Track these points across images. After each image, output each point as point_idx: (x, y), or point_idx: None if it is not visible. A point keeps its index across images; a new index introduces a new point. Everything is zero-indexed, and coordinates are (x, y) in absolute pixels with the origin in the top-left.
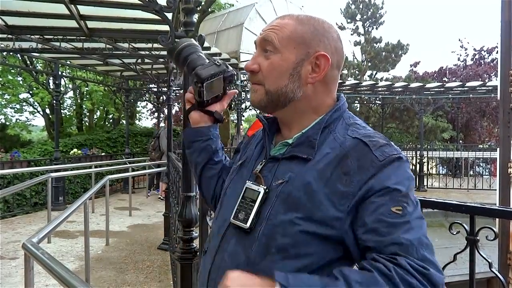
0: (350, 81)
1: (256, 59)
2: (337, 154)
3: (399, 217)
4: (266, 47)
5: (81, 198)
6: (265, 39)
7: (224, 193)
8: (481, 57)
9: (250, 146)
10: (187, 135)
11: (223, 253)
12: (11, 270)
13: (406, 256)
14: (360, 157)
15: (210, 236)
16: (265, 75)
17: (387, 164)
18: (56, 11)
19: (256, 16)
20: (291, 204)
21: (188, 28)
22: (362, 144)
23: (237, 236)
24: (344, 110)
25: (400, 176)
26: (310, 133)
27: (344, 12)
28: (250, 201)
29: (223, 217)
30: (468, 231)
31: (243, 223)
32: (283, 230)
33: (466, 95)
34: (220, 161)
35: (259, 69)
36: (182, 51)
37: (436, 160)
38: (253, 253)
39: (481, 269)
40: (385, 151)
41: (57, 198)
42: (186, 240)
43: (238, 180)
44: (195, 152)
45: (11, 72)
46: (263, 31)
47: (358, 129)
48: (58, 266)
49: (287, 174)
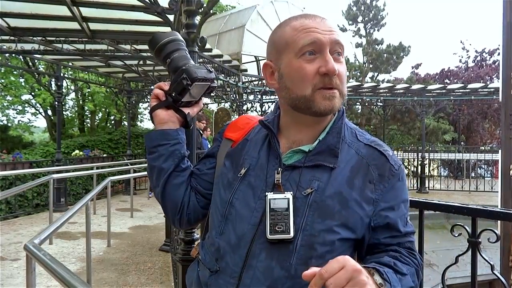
0: (351, 82)
1: (332, 61)
2: (358, 162)
3: (410, 225)
4: (337, 49)
5: (83, 200)
6: (338, 42)
7: (228, 205)
8: (483, 59)
9: (249, 152)
10: (152, 138)
11: (253, 270)
12: (13, 271)
13: (415, 250)
14: (380, 166)
15: (220, 254)
16: (341, 78)
17: (400, 173)
18: (59, 13)
19: (258, 18)
20: (326, 213)
21: (190, 30)
22: (377, 152)
23: (267, 250)
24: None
25: (406, 186)
26: (331, 142)
27: (345, 14)
28: (282, 211)
29: (238, 232)
30: (470, 233)
31: (285, 234)
32: (323, 239)
33: (468, 97)
34: (187, 168)
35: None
36: (167, 46)
37: (438, 162)
38: (294, 265)
39: (483, 271)
40: (395, 160)
41: (58, 200)
42: (188, 242)
43: (247, 191)
44: (161, 157)
45: (13, 74)
46: (328, 32)
47: (364, 135)
48: (60, 268)
49: (314, 182)
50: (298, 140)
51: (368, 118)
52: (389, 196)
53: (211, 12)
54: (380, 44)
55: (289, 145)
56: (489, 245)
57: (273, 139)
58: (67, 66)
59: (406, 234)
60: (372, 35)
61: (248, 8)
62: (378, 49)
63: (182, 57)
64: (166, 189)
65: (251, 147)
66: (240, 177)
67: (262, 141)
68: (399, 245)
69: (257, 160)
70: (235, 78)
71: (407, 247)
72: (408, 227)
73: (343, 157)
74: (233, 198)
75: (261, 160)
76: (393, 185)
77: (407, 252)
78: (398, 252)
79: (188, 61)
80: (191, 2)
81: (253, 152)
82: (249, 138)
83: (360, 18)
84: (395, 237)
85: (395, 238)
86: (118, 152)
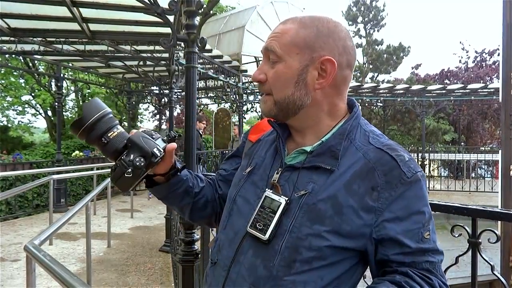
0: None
1: (262, 68)
2: (362, 167)
3: (428, 241)
4: (270, 56)
5: (83, 200)
6: (267, 48)
7: (232, 201)
8: (483, 59)
9: (258, 152)
10: (159, 192)
11: (239, 266)
12: (13, 272)
13: (436, 273)
14: (387, 172)
15: (219, 247)
16: (271, 84)
17: (414, 182)
18: (59, 14)
19: (258, 19)
20: (316, 217)
21: (189, 30)
22: (388, 157)
23: (255, 247)
24: (360, 117)
25: (425, 198)
26: (332, 143)
27: (345, 15)
28: (269, 211)
29: (235, 227)
30: (470, 233)
31: (261, 233)
32: (309, 243)
33: (468, 97)
34: (204, 186)
35: (265, 79)
36: (98, 123)
37: (438, 162)
38: (276, 266)
39: (483, 271)
40: (411, 167)
41: (59, 200)
42: (188, 242)
43: (250, 188)
44: (176, 200)
45: (13, 74)
46: (268, 39)
47: (378, 138)
48: (60, 268)
49: (309, 184)
50: (303, 141)
51: (368, 118)
52: (396, 206)
53: (211, 13)
54: (380, 44)
55: (295, 146)
56: (489, 245)
57: (278, 138)
58: (67, 67)
59: (422, 251)
60: (372, 35)
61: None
62: (378, 49)
63: (121, 135)
64: (193, 216)
65: (261, 147)
66: (246, 175)
67: (272, 141)
68: (413, 265)
69: (263, 160)
70: (235, 78)
71: (424, 268)
72: (425, 243)
73: (347, 160)
74: (237, 195)
75: (266, 160)
76: (402, 193)
77: (420, 276)
78: (408, 275)
79: (126, 135)
80: (191, 2)
81: (261, 152)
82: (263, 138)
83: (360, 18)
84: (407, 254)
85: (407, 255)
86: None
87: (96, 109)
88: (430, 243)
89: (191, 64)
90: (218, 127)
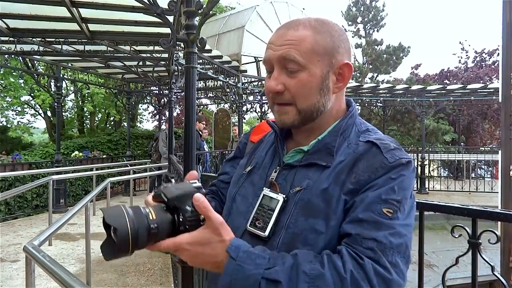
0: (351, 83)
1: (279, 78)
2: (351, 159)
3: (387, 218)
4: (288, 66)
5: (82, 201)
6: (285, 58)
7: (232, 200)
8: (482, 59)
9: (259, 152)
10: None
11: None
12: (12, 273)
13: (379, 256)
14: (370, 158)
15: None
16: (294, 94)
17: (396, 166)
18: (58, 14)
19: (257, 19)
20: (311, 211)
21: (189, 31)
22: (374, 147)
23: (254, 244)
24: (356, 116)
25: (403, 182)
26: (328, 140)
27: (345, 15)
28: (268, 209)
29: (234, 225)
30: (470, 234)
31: (261, 231)
32: (305, 238)
33: (468, 97)
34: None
35: (284, 89)
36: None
37: (438, 163)
38: None
39: (483, 272)
40: (395, 154)
41: (58, 201)
42: None
43: (249, 187)
44: None
45: (12, 75)
46: (279, 47)
47: (370, 134)
48: (59, 269)
49: (304, 181)
50: (304, 141)
51: (368, 118)
52: (370, 184)
53: (211, 13)
54: (379, 44)
55: (295, 145)
56: (489, 246)
57: (276, 138)
58: (66, 67)
59: (372, 224)
60: (372, 35)
61: (248, 9)
62: (377, 49)
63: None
64: None
65: (261, 147)
66: (245, 175)
67: (272, 141)
68: (357, 240)
69: (263, 159)
70: (235, 79)
71: (368, 247)
72: (380, 217)
73: (338, 157)
74: (237, 194)
75: (266, 159)
76: (381, 176)
77: (353, 255)
78: (340, 252)
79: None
80: (190, 3)
81: (262, 152)
82: (264, 139)
83: (360, 18)
84: (354, 222)
85: (354, 224)
86: (118, 153)
87: (120, 220)
88: (389, 220)
89: (191, 65)
90: (217, 127)
